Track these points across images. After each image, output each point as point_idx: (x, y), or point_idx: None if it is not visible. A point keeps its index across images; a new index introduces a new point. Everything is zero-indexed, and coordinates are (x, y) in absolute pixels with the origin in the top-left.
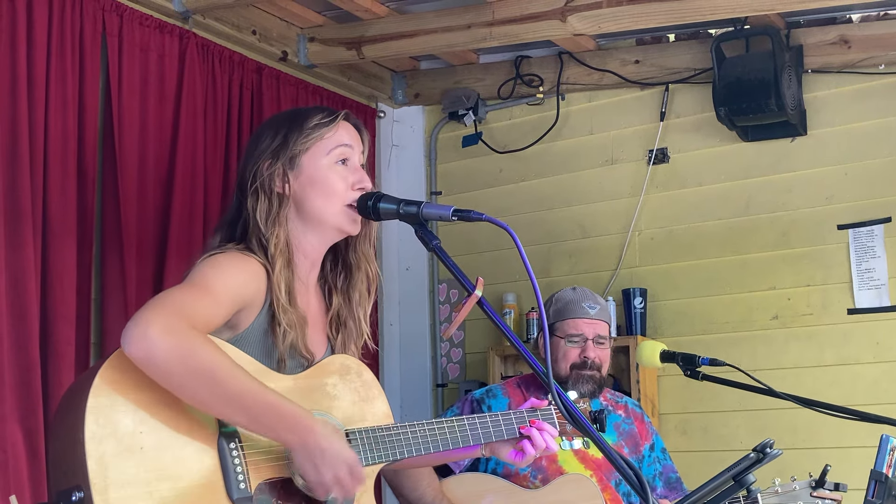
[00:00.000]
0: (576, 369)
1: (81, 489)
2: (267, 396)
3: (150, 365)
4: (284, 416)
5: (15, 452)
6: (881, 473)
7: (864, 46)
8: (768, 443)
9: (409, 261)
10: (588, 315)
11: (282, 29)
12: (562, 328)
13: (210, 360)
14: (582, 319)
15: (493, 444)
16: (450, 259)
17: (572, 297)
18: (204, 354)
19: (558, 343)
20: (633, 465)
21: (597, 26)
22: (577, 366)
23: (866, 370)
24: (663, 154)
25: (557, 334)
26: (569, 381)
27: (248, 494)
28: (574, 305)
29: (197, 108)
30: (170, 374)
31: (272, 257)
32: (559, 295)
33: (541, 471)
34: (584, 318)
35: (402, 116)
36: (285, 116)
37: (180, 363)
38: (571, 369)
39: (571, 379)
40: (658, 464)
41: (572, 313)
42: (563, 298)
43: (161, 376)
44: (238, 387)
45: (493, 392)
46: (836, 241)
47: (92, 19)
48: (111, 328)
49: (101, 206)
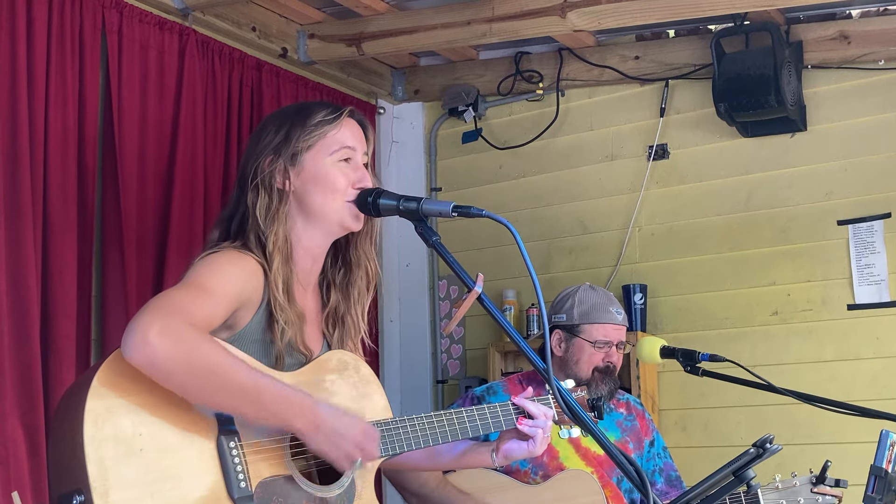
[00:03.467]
0: (598, 372)
1: (82, 492)
2: (270, 386)
3: (152, 368)
4: (291, 404)
5: (16, 449)
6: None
7: (863, 42)
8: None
9: (408, 257)
10: (616, 321)
11: (281, 25)
12: (590, 332)
13: (210, 356)
14: (611, 325)
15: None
16: (450, 255)
17: (598, 301)
18: (204, 351)
19: (583, 345)
20: (634, 460)
21: (596, 22)
22: (601, 369)
23: (866, 366)
24: (663, 150)
25: (583, 336)
26: (590, 383)
27: (249, 493)
28: (601, 309)
29: (197, 104)
30: (172, 374)
31: (270, 254)
32: (582, 295)
33: (541, 467)
34: (613, 325)
35: (402, 113)
36: (289, 112)
37: (181, 363)
38: (593, 371)
39: (593, 381)
40: (659, 460)
41: (602, 318)
42: (587, 300)
43: (164, 378)
44: (241, 379)
45: (493, 389)
46: (835, 236)
47: (92, 16)
48: (112, 324)
49: (102, 202)
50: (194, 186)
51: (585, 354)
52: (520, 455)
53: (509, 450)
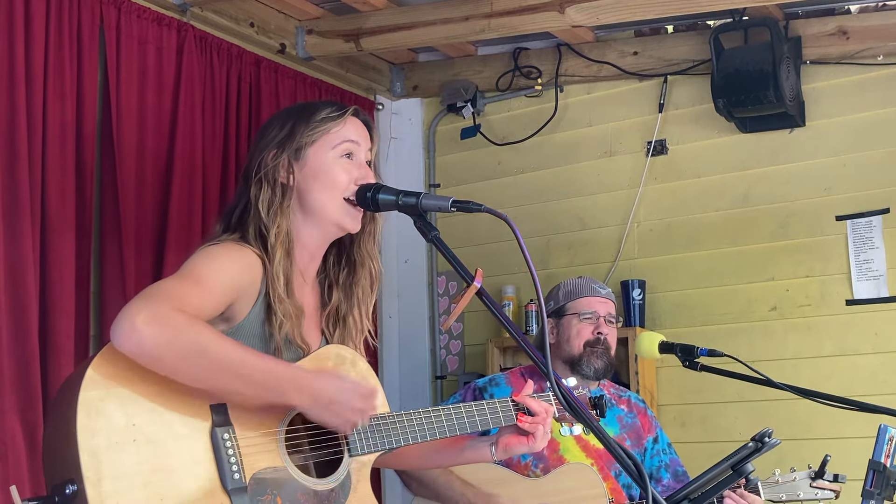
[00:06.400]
0: (589, 346)
1: (75, 482)
2: (262, 362)
3: (141, 355)
4: (285, 379)
5: (14, 445)
6: (879, 463)
7: (862, 37)
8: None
9: (407, 253)
10: (599, 294)
11: (280, 21)
12: (574, 307)
13: (199, 337)
14: (594, 297)
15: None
16: (448, 250)
17: (580, 281)
18: (192, 333)
19: (571, 321)
20: (632, 454)
21: (595, 18)
22: (591, 343)
23: (864, 361)
24: (662, 146)
25: (569, 313)
26: (582, 358)
27: (243, 484)
28: (584, 286)
29: (195, 100)
30: (162, 359)
31: (272, 247)
32: (565, 282)
33: (542, 460)
34: (596, 297)
35: (401, 109)
36: (294, 109)
37: (170, 346)
38: (585, 346)
39: (584, 356)
40: (664, 456)
41: (583, 293)
42: (570, 283)
43: (154, 363)
44: (233, 358)
45: (496, 381)
46: (834, 232)
47: (90, 12)
48: (110, 321)
49: (100, 198)
50: (192, 182)
51: (574, 330)
52: (520, 450)
53: (509, 444)
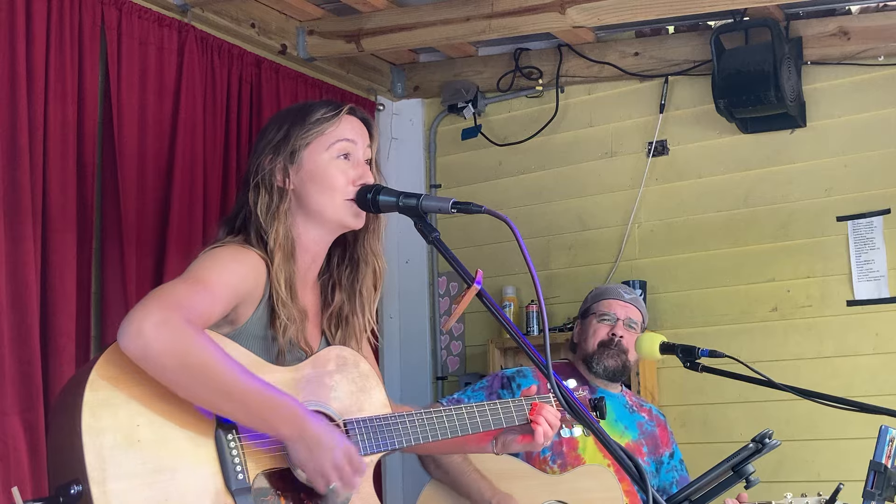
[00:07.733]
0: (602, 346)
1: (80, 482)
2: (261, 390)
3: (145, 360)
4: (278, 409)
5: (15, 446)
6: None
7: (863, 38)
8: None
9: (408, 254)
10: (622, 298)
11: (281, 22)
12: (596, 308)
13: (204, 354)
14: (615, 300)
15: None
16: (449, 251)
17: (609, 286)
18: (198, 349)
19: (591, 322)
20: (634, 456)
21: (596, 18)
22: (605, 342)
23: (865, 362)
24: (662, 146)
25: (591, 314)
26: (594, 356)
27: (247, 485)
28: (610, 290)
29: (196, 101)
30: (164, 368)
31: (271, 251)
32: (598, 286)
33: (560, 456)
34: (618, 300)
35: (402, 109)
36: (291, 111)
37: (174, 358)
38: (599, 346)
39: (596, 355)
40: (676, 473)
41: (607, 296)
42: (600, 287)
43: (156, 371)
44: (231, 381)
45: (523, 372)
46: (835, 232)
47: (91, 12)
48: (111, 321)
49: (101, 199)
50: (193, 183)
51: (591, 329)
52: (518, 449)
53: (510, 442)
